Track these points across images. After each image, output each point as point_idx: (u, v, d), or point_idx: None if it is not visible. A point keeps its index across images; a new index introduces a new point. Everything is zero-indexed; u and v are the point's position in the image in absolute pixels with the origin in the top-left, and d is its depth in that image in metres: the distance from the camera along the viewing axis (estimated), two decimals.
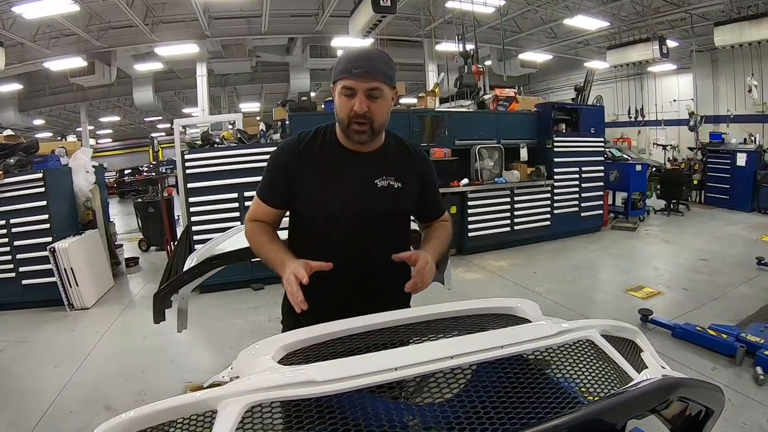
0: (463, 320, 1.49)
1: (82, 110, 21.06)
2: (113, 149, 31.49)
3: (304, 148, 1.83)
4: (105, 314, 6.16)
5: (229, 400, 0.98)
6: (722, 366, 4.19)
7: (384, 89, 1.71)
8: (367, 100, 1.68)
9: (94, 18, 12.02)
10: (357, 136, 1.73)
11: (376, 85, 1.69)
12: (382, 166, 1.85)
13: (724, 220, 10.93)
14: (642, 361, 1.43)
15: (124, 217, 13.49)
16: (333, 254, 1.69)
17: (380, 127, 1.76)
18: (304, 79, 16.82)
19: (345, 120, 1.72)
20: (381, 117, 1.74)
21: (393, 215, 1.86)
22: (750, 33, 11.71)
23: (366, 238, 1.79)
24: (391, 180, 1.83)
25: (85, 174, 7.05)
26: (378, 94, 1.70)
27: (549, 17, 14.83)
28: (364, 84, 1.67)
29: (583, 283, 6.96)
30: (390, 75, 1.74)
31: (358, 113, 1.68)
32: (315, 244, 1.81)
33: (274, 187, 1.85)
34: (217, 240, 3.48)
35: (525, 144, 9.02)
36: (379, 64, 1.71)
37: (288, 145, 1.88)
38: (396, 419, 1.07)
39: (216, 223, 6.53)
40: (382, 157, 1.86)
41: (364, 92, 1.68)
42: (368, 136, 1.74)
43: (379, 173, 1.83)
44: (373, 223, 1.79)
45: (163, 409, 0.99)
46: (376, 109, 1.71)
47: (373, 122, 1.71)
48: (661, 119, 18.71)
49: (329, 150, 1.83)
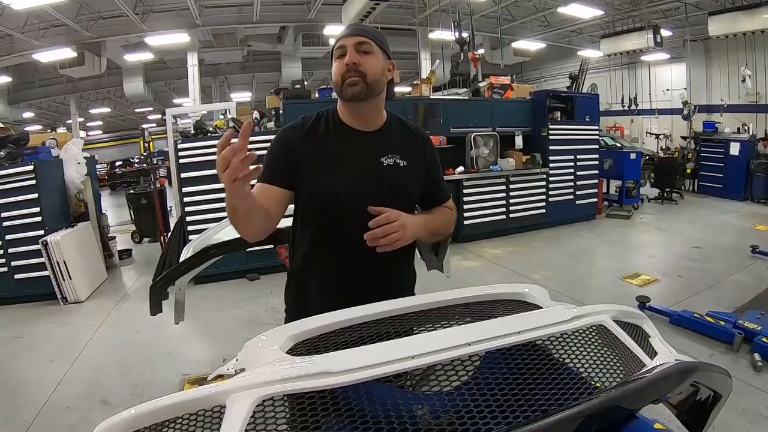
0: (473, 306, 1.45)
1: (72, 102, 20.85)
2: (104, 141, 31.30)
3: (308, 130, 1.78)
4: (99, 307, 6.10)
5: (239, 393, 0.93)
6: (720, 353, 4.23)
7: (373, 47, 1.71)
8: (357, 55, 1.68)
9: (84, 8, 11.85)
10: (350, 89, 1.68)
11: (364, 39, 1.69)
12: (387, 145, 1.80)
13: (718, 209, 10.99)
14: (651, 346, 1.41)
15: (116, 209, 13.37)
16: (339, 235, 1.66)
17: (374, 83, 1.70)
18: (295, 68, 16.69)
19: (339, 80, 1.70)
20: (374, 71, 1.70)
21: (399, 194, 1.78)
22: (744, 23, 11.70)
23: (370, 217, 1.73)
24: (396, 158, 1.79)
25: (77, 166, 6.95)
26: (367, 49, 1.69)
27: (542, 5, 14.75)
28: (352, 39, 1.69)
29: (580, 271, 6.96)
30: (380, 39, 1.74)
31: (348, 65, 1.66)
32: (321, 226, 1.75)
33: (277, 166, 1.75)
34: (214, 229, 3.43)
35: (520, 132, 9.03)
36: (369, 29, 1.75)
37: (291, 127, 1.82)
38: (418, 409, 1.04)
39: (210, 213, 6.47)
40: (386, 135, 1.82)
41: (353, 46, 1.68)
42: (362, 88, 1.68)
43: (384, 151, 1.78)
44: (378, 202, 1.70)
45: (167, 405, 0.93)
46: (366, 62, 1.68)
47: (365, 75, 1.68)
48: (655, 108, 18.70)
49: (333, 130, 1.79)
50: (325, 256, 1.77)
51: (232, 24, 13.81)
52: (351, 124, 1.79)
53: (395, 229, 1.60)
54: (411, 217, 1.71)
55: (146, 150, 27.24)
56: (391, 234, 1.59)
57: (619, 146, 13.45)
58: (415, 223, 1.70)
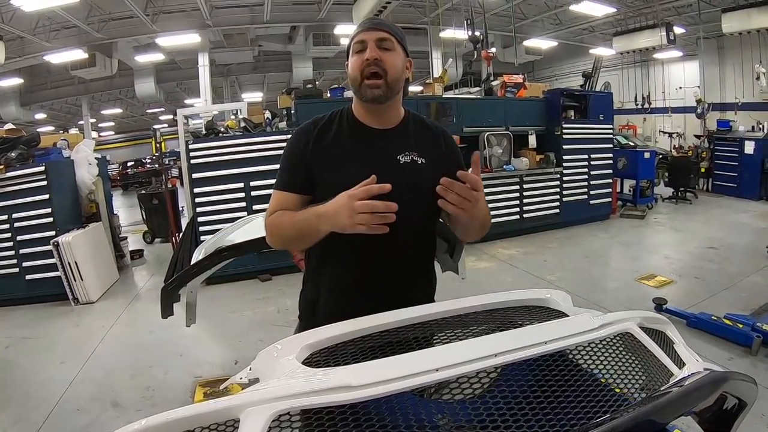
0: (496, 314, 1.40)
1: (84, 103, 21.01)
2: (116, 141, 31.51)
3: (320, 130, 1.72)
4: (110, 308, 6.09)
5: (253, 408, 0.88)
6: (738, 356, 4.15)
7: (394, 43, 1.64)
8: (378, 50, 1.61)
9: (94, 9, 11.93)
10: (370, 91, 1.62)
11: (385, 35, 1.62)
12: (404, 142, 1.73)
13: (732, 208, 10.83)
14: (677, 354, 1.38)
15: (127, 209, 13.44)
16: (354, 236, 1.58)
17: (394, 82, 1.64)
18: (306, 68, 16.72)
19: (358, 75, 1.63)
20: (394, 69, 1.64)
21: (418, 193, 1.67)
22: (758, 20, 11.59)
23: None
24: (414, 155, 1.71)
25: (88, 166, 6.96)
26: (389, 46, 1.63)
27: (554, 3, 14.70)
28: (374, 33, 1.62)
29: (595, 272, 6.87)
30: (400, 35, 1.68)
31: (369, 60, 1.60)
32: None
33: (292, 173, 1.72)
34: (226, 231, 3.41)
35: (533, 131, 8.95)
36: (391, 25, 1.67)
37: (303, 129, 1.76)
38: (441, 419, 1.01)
39: (222, 214, 6.46)
40: (403, 133, 1.75)
41: (375, 41, 1.61)
42: (382, 90, 1.62)
43: (401, 149, 1.71)
44: (397, 201, 1.66)
45: (178, 418, 0.89)
46: (388, 59, 1.62)
47: (386, 73, 1.61)
48: (668, 106, 18.57)
49: (347, 129, 1.73)
50: (340, 259, 1.71)
51: (243, 24, 13.86)
52: (367, 122, 1.73)
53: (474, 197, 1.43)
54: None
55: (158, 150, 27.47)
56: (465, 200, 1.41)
57: (632, 145, 13.39)
58: (484, 204, 1.54)
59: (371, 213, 1.33)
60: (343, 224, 1.38)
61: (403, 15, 14.04)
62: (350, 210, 1.36)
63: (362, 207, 1.34)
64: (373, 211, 1.33)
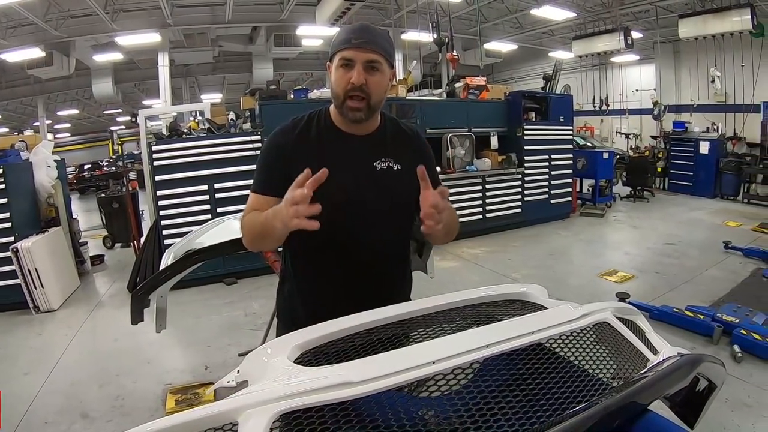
0: (479, 308, 1.45)
1: (40, 103, 20.31)
2: (72, 144, 30.53)
3: (299, 133, 1.72)
4: (73, 316, 5.93)
5: (253, 410, 0.89)
6: (700, 345, 4.36)
7: (383, 64, 1.63)
8: (365, 73, 1.60)
9: (53, 6, 11.54)
10: (352, 113, 1.63)
11: (375, 57, 1.61)
12: (380, 148, 1.75)
13: (688, 206, 11.25)
14: (650, 341, 1.46)
15: (86, 214, 13.07)
16: (332, 242, 1.61)
17: (377, 104, 1.66)
18: (267, 69, 16.55)
19: (341, 94, 1.62)
20: (378, 93, 1.64)
21: (394, 199, 1.73)
22: (714, 25, 11.97)
23: (366, 223, 1.69)
24: (390, 162, 1.74)
25: (47, 169, 6.74)
26: (377, 67, 1.62)
27: (515, 7, 14.88)
28: (363, 54, 1.59)
29: (559, 269, 7.04)
30: (390, 52, 1.66)
31: (355, 85, 1.59)
32: (313, 233, 1.62)
33: (269, 175, 1.70)
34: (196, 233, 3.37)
35: (496, 132, 9.10)
36: (380, 39, 1.63)
37: (282, 130, 1.76)
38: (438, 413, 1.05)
39: (186, 217, 6.39)
40: (379, 139, 1.77)
41: (363, 63, 1.59)
42: (364, 114, 1.64)
43: (377, 156, 1.73)
44: (373, 207, 1.68)
45: (172, 425, 0.88)
46: (373, 83, 1.61)
47: (370, 97, 1.62)
48: (625, 108, 19.03)
49: (325, 133, 1.73)
50: (318, 262, 1.73)
51: (204, 24, 13.62)
52: (345, 128, 1.74)
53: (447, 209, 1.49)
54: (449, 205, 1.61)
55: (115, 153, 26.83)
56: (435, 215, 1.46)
57: (590, 146, 13.71)
58: (449, 212, 1.60)
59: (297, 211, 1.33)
60: (284, 219, 1.39)
61: (366, 17, 14.02)
62: (286, 212, 1.37)
63: (290, 200, 1.36)
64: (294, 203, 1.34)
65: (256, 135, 6.71)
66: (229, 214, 5.20)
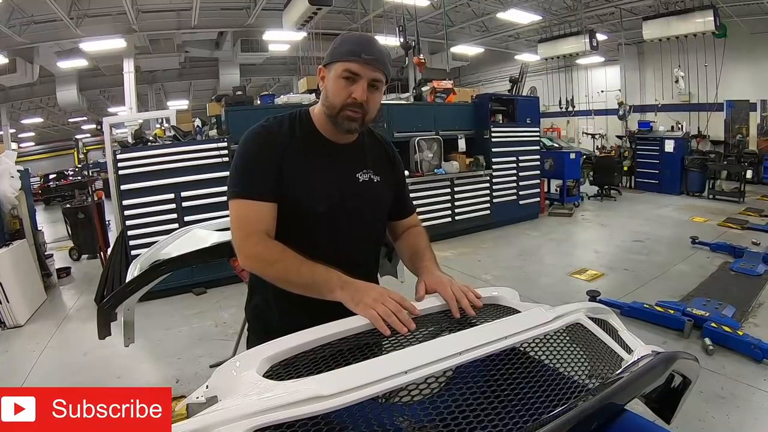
0: (450, 313, 1.42)
1: (3, 112, 19.90)
2: (36, 153, 29.92)
3: (288, 132, 1.66)
4: (40, 331, 5.74)
5: (225, 427, 0.87)
6: (672, 340, 4.44)
7: (383, 83, 1.62)
8: (368, 91, 1.58)
9: (16, 11, 11.32)
10: (347, 123, 1.59)
11: (380, 77, 1.58)
12: (361, 160, 1.74)
13: (655, 203, 11.46)
14: (623, 340, 1.47)
15: (51, 225, 12.77)
16: (315, 252, 1.54)
17: (369, 121, 1.65)
18: (234, 75, 16.51)
19: (338, 106, 1.57)
20: (374, 111, 1.64)
21: (374, 210, 1.75)
22: (677, 27, 12.33)
23: (348, 234, 1.68)
24: (371, 173, 1.73)
25: (10, 179, 6.57)
26: (378, 86, 1.60)
27: (482, 11, 15.04)
28: (371, 72, 1.56)
29: (529, 269, 7.10)
30: (390, 71, 1.66)
31: (357, 101, 1.56)
32: (296, 241, 1.58)
33: (263, 177, 1.58)
34: (162, 243, 3.30)
35: (463, 135, 9.16)
36: (386, 58, 1.60)
37: (268, 128, 1.66)
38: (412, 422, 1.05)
39: (153, 227, 6.25)
40: (360, 150, 1.75)
41: (369, 80, 1.56)
42: (358, 125, 1.61)
43: (359, 166, 1.72)
44: (356, 218, 1.68)
45: None
46: (372, 102, 1.60)
47: (366, 114, 1.61)
48: (591, 109, 19.36)
49: (311, 140, 1.68)
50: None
51: (170, 29, 13.51)
52: (327, 135, 1.70)
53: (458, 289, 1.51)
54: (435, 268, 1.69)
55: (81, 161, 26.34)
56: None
57: (557, 146, 13.92)
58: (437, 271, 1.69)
59: (391, 311, 1.31)
60: (361, 300, 1.35)
61: (332, 21, 14.04)
62: (381, 296, 1.35)
63: (393, 305, 1.32)
64: (397, 316, 1.30)
65: (223, 142, 6.65)
66: (196, 222, 5.14)
